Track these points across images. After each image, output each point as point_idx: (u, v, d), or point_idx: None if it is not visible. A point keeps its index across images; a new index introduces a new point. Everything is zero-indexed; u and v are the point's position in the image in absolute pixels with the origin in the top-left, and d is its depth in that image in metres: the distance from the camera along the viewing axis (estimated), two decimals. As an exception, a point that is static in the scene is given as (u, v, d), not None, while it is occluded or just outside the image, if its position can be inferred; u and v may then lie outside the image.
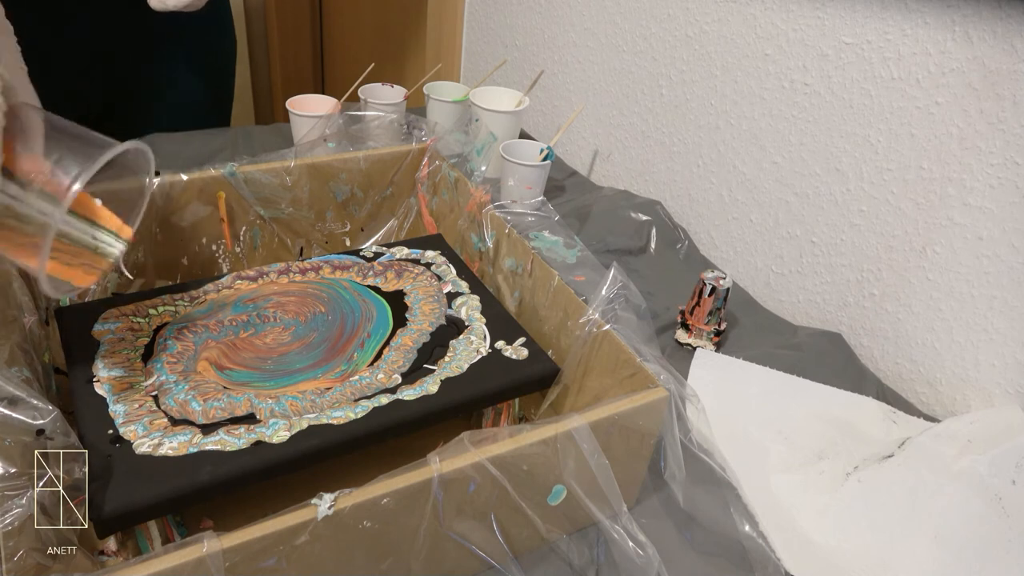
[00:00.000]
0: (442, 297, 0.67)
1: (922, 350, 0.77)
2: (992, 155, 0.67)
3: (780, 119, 0.86)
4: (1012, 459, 0.60)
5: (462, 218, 0.76)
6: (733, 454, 0.64)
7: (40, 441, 0.43)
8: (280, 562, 0.41)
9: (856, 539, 0.59)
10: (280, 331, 0.61)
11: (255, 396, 0.54)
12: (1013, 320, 0.69)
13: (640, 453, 0.56)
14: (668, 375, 0.53)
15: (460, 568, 0.51)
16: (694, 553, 0.57)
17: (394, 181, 0.82)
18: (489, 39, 1.39)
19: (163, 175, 0.69)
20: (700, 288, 0.77)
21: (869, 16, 0.75)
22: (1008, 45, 0.65)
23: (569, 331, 0.62)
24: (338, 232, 0.82)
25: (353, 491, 0.43)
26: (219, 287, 0.65)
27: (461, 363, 0.60)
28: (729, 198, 0.95)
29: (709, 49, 0.93)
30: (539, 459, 0.48)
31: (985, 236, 0.69)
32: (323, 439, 0.51)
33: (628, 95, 1.08)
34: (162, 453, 0.48)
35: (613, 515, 0.50)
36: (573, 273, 0.65)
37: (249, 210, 0.75)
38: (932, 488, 0.60)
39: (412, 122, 0.84)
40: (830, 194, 0.82)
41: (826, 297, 0.86)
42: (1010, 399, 0.70)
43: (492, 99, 1.05)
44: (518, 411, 0.66)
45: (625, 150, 1.11)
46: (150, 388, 0.54)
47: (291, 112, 0.98)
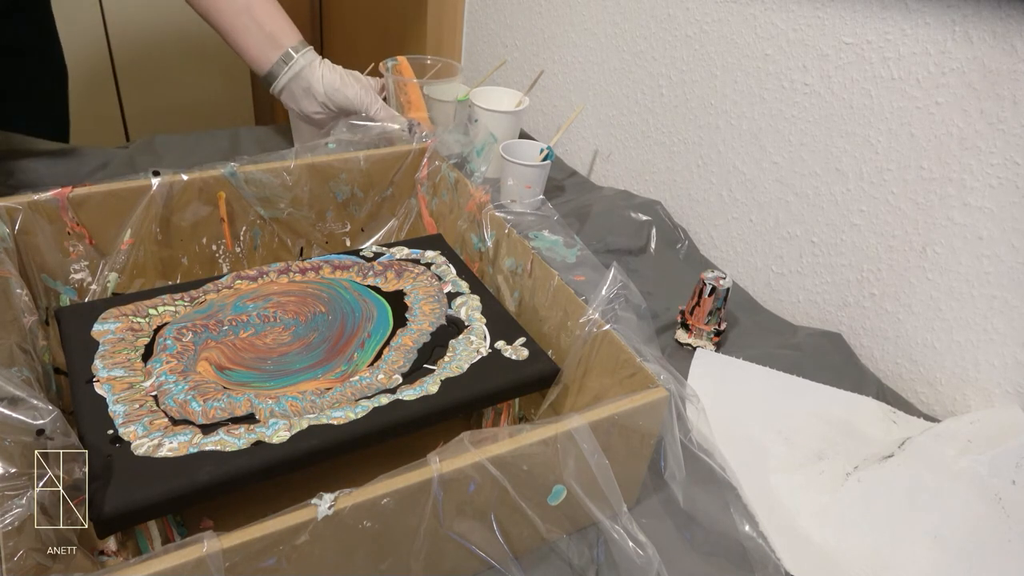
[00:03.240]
0: (442, 297, 0.67)
1: (922, 350, 0.77)
2: (992, 155, 0.67)
3: (780, 119, 0.86)
4: (1012, 459, 0.60)
5: (462, 218, 0.76)
6: (733, 454, 0.64)
7: (40, 441, 0.43)
8: (280, 562, 0.41)
9: (856, 539, 0.59)
10: (280, 331, 0.61)
11: (255, 396, 0.54)
12: (1013, 320, 0.69)
13: (640, 453, 0.56)
14: (668, 375, 0.53)
15: (460, 568, 0.51)
16: (694, 553, 0.57)
17: (394, 181, 0.82)
18: (489, 39, 1.39)
19: (163, 175, 0.69)
20: (700, 288, 0.77)
21: (869, 16, 0.75)
22: (1008, 45, 0.65)
23: (569, 331, 0.62)
24: (338, 232, 0.82)
25: (353, 491, 0.43)
26: (219, 287, 0.65)
27: (461, 363, 0.60)
28: (729, 198, 0.95)
29: (709, 49, 0.93)
30: (539, 459, 0.48)
31: (985, 236, 0.69)
32: (323, 439, 0.51)
33: (628, 95, 1.08)
34: (162, 453, 0.48)
35: (613, 515, 0.50)
36: (573, 273, 0.65)
37: (249, 210, 0.75)
38: (932, 488, 0.60)
39: (412, 124, 0.84)
40: (830, 194, 0.82)
41: (826, 297, 0.86)
42: (1010, 399, 0.70)
43: (492, 99, 1.05)
44: (518, 411, 0.66)
45: (625, 150, 1.11)
46: (150, 388, 0.54)
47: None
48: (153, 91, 1.73)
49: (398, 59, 1.00)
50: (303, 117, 0.92)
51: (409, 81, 0.98)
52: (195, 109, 1.81)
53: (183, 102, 1.78)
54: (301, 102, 0.90)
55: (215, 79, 1.78)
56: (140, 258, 0.70)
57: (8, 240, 0.62)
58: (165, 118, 1.76)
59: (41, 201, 0.64)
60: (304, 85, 0.88)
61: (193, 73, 1.73)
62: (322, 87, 0.88)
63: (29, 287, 0.62)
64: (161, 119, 1.75)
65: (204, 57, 1.73)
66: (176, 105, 1.77)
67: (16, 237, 0.63)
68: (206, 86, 1.79)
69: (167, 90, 1.74)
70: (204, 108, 1.82)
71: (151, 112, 1.75)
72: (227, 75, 1.81)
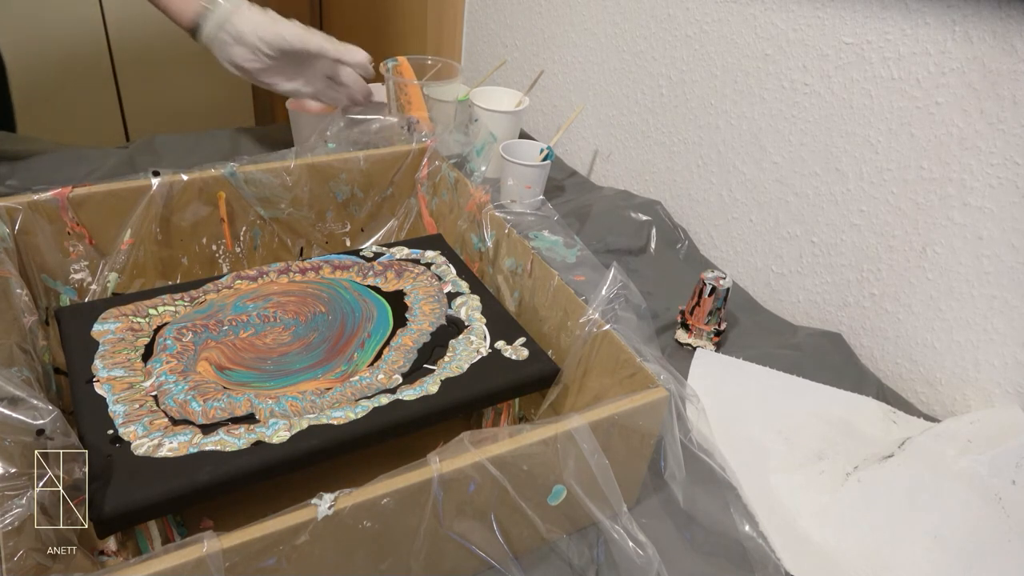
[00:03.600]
0: (442, 297, 0.67)
1: (922, 350, 0.77)
2: (992, 155, 0.67)
3: (780, 119, 0.86)
4: (1012, 459, 0.60)
5: (462, 218, 0.76)
6: (733, 454, 0.64)
7: (40, 441, 0.43)
8: (280, 562, 0.41)
9: (856, 539, 0.59)
10: (280, 331, 0.61)
11: (255, 396, 0.54)
12: (1013, 320, 0.69)
13: (640, 453, 0.56)
14: (668, 375, 0.53)
15: (460, 568, 0.51)
16: (694, 553, 0.57)
17: (394, 181, 0.82)
18: (489, 39, 1.39)
19: (163, 175, 0.69)
20: (700, 288, 0.77)
21: (869, 16, 0.75)
22: (1008, 45, 0.65)
23: (569, 331, 0.62)
24: (338, 232, 0.82)
25: (353, 491, 0.43)
26: (219, 287, 0.65)
27: (461, 363, 0.60)
28: (729, 198, 0.95)
29: (709, 49, 0.93)
30: (539, 459, 0.48)
31: (985, 236, 0.69)
32: (323, 439, 0.51)
33: (628, 95, 1.08)
34: (162, 453, 0.48)
35: (613, 515, 0.50)
36: (573, 273, 0.65)
37: (249, 210, 0.75)
38: (932, 488, 0.60)
39: (412, 122, 0.84)
40: (830, 194, 0.82)
41: (826, 297, 0.86)
42: (1010, 399, 0.70)
43: (492, 99, 1.05)
44: (518, 411, 0.66)
45: (625, 150, 1.11)
46: (150, 388, 0.54)
47: (291, 112, 0.98)
48: (153, 91, 1.72)
49: (398, 59, 1.00)
50: (239, 70, 0.87)
51: (410, 82, 0.98)
52: (195, 109, 1.81)
53: (183, 102, 1.78)
54: (232, 51, 0.84)
55: (215, 79, 1.78)
56: (140, 258, 0.70)
57: (8, 240, 0.62)
58: (165, 118, 1.76)
59: (41, 201, 0.64)
60: (233, 32, 0.82)
61: (193, 73, 1.73)
62: (251, 28, 0.82)
63: (29, 287, 0.62)
64: (161, 119, 1.75)
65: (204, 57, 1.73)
66: (176, 105, 1.77)
67: (16, 237, 0.63)
68: (206, 86, 1.79)
69: (167, 90, 1.74)
70: (204, 108, 1.82)
71: (151, 112, 1.75)
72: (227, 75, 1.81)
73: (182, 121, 1.78)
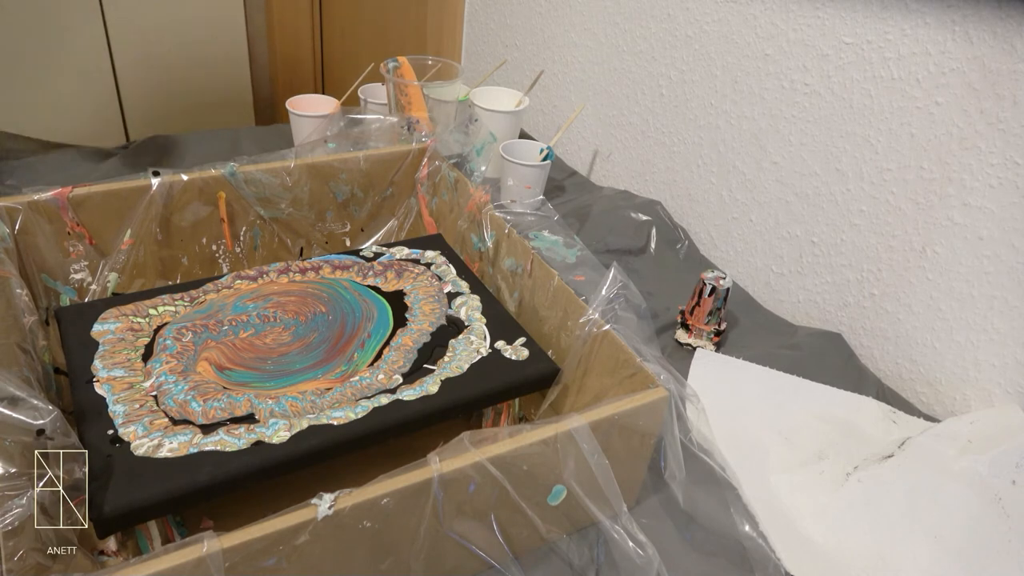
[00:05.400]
0: (442, 297, 0.67)
1: (922, 350, 0.77)
2: (992, 155, 0.67)
3: (780, 119, 0.86)
4: (1012, 459, 0.60)
5: (462, 218, 0.76)
6: (733, 454, 0.64)
7: (40, 441, 0.43)
8: (280, 562, 0.41)
9: (856, 539, 0.59)
10: (280, 331, 0.61)
11: (255, 396, 0.54)
12: (1013, 320, 0.69)
13: (640, 453, 0.56)
14: (668, 375, 0.53)
15: (460, 568, 0.51)
16: (694, 553, 0.57)
17: (394, 181, 0.82)
18: (489, 39, 1.39)
19: (163, 175, 0.69)
20: (700, 288, 0.77)
21: (869, 16, 0.75)
22: (1008, 45, 0.65)
23: (569, 331, 0.62)
24: (338, 232, 0.82)
25: (353, 491, 0.43)
26: (219, 287, 0.65)
27: (461, 363, 0.60)
28: (729, 198, 0.95)
29: (709, 49, 0.93)
30: (539, 459, 0.48)
31: (985, 236, 0.69)
32: (323, 439, 0.51)
33: (628, 95, 1.08)
34: (162, 453, 0.48)
35: (613, 515, 0.50)
36: (573, 273, 0.65)
37: (249, 210, 0.75)
38: (932, 488, 0.60)
39: (412, 122, 0.84)
40: (830, 194, 0.82)
41: (826, 297, 0.86)
42: (1010, 399, 0.70)
43: (492, 99, 1.05)
44: (518, 411, 0.66)
45: (625, 150, 1.11)
46: (150, 388, 0.54)
47: (291, 112, 0.98)
48: (153, 91, 1.72)
49: (399, 60, 1.00)
50: None
51: (410, 83, 0.98)
52: (195, 109, 1.81)
53: (183, 102, 1.78)
54: None
55: (215, 79, 1.78)
56: (140, 258, 0.70)
57: (8, 240, 0.62)
58: (165, 118, 1.76)
59: (41, 201, 0.64)
60: None
61: (193, 73, 1.73)
62: None
63: (29, 287, 0.62)
64: (161, 119, 1.75)
65: (204, 57, 1.73)
66: (176, 105, 1.77)
67: (16, 237, 0.63)
68: (206, 86, 1.79)
69: (167, 90, 1.74)
70: (204, 108, 1.82)
71: (151, 112, 1.75)
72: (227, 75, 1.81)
73: (182, 121, 1.78)
